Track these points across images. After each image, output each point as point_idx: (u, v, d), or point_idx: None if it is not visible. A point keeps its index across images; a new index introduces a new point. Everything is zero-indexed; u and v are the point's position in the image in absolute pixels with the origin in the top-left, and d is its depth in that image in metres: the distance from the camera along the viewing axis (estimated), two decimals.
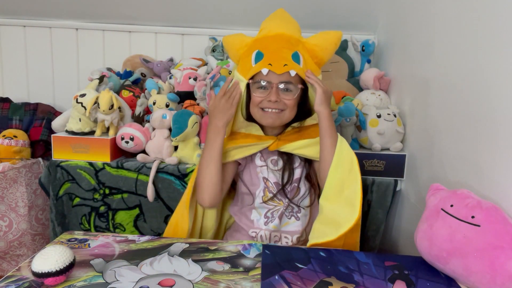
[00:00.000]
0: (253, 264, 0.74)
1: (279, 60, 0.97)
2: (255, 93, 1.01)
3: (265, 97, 0.99)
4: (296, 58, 0.99)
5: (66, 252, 0.65)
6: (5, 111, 1.61)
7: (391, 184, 1.27)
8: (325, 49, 1.05)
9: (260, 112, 1.02)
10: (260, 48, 1.00)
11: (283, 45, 1.00)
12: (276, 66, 0.96)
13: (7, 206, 1.45)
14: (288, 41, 1.01)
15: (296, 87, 1.00)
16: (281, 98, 0.99)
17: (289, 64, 0.97)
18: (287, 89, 1.00)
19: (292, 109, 1.02)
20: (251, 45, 1.04)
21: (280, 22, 1.06)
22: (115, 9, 1.72)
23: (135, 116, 1.42)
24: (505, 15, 0.78)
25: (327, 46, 1.05)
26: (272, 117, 1.01)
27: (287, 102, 1.00)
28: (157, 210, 1.30)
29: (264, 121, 1.03)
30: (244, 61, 1.04)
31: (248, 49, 1.04)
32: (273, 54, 0.98)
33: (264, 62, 0.97)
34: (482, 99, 0.85)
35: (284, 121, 1.04)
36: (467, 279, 0.67)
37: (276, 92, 0.98)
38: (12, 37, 1.82)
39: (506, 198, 0.73)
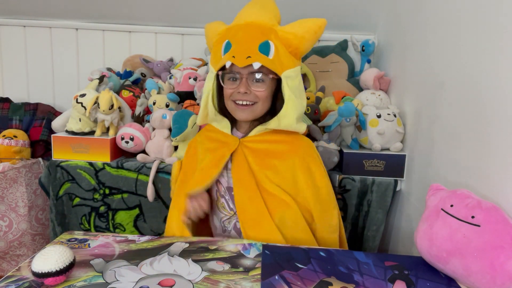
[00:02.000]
0: (253, 264, 0.74)
1: (243, 52, 0.91)
2: (225, 85, 0.96)
3: (235, 89, 0.94)
4: (265, 48, 0.91)
5: (66, 252, 0.65)
6: (5, 111, 1.61)
7: (391, 184, 1.27)
8: (301, 38, 0.94)
9: (233, 105, 0.97)
10: (229, 37, 0.94)
11: (251, 34, 0.93)
12: (239, 59, 0.90)
13: (7, 206, 1.45)
14: (258, 29, 0.94)
15: (268, 78, 0.94)
16: (251, 90, 0.93)
17: (253, 56, 0.90)
18: (257, 79, 0.93)
19: (265, 101, 0.96)
20: (223, 34, 0.97)
21: (254, 9, 0.99)
22: (115, 9, 1.72)
23: (135, 116, 1.42)
24: (505, 16, 0.78)
25: (304, 34, 0.94)
26: (244, 111, 0.96)
27: (259, 93, 0.94)
28: (157, 210, 1.30)
29: (237, 116, 0.98)
30: (214, 51, 0.99)
31: (219, 38, 0.98)
32: (238, 45, 0.92)
33: (230, 54, 0.92)
34: (482, 99, 0.85)
35: (258, 115, 0.98)
36: (467, 279, 0.67)
37: (246, 84, 0.93)
38: (12, 37, 1.82)
39: (506, 198, 0.73)
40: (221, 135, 1.03)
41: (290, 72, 0.94)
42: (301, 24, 0.96)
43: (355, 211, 1.30)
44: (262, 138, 1.00)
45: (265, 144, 1.00)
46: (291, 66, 0.94)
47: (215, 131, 1.05)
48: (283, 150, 0.99)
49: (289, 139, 1.00)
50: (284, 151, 0.99)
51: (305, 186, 0.97)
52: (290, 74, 0.94)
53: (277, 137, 1.00)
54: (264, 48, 0.91)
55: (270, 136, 1.00)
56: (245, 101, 0.95)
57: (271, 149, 0.99)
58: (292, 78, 0.94)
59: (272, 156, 0.98)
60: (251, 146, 1.00)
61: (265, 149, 0.99)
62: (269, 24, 0.95)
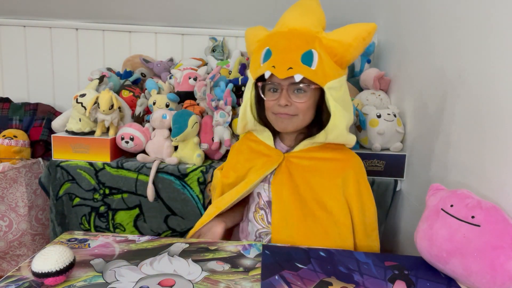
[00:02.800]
0: (253, 264, 0.74)
1: (284, 63, 0.85)
2: (266, 96, 0.91)
3: (275, 101, 0.89)
4: (308, 58, 0.85)
5: (66, 252, 0.65)
6: (5, 111, 1.61)
7: (391, 184, 1.27)
8: (348, 45, 0.87)
9: (273, 117, 0.92)
10: (270, 45, 0.88)
11: (294, 43, 0.87)
12: (279, 69, 0.84)
13: (7, 206, 1.45)
14: (301, 37, 0.87)
15: (309, 88, 0.87)
16: (292, 102, 0.88)
17: (295, 67, 0.84)
18: (299, 90, 0.87)
19: (306, 113, 0.90)
20: (264, 40, 0.92)
21: (297, 14, 0.92)
22: (115, 9, 1.72)
23: (135, 116, 1.42)
24: (505, 16, 0.78)
25: (351, 41, 0.87)
26: (284, 122, 0.91)
27: (299, 105, 0.88)
28: (157, 210, 1.30)
29: (277, 126, 0.93)
30: (253, 58, 0.93)
31: (259, 45, 0.92)
32: (280, 54, 0.86)
33: (269, 64, 0.86)
34: (482, 99, 0.85)
35: (299, 126, 0.92)
36: (467, 279, 0.67)
37: (286, 95, 0.87)
38: (12, 37, 1.82)
39: (506, 198, 0.73)
40: (264, 147, 0.99)
41: (334, 83, 0.87)
42: (349, 30, 0.89)
43: None
44: (310, 155, 0.94)
45: (313, 161, 0.94)
46: (335, 77, 0.88)
47: (257, 141, 1.01)
48: (332, 168, 0.94)
49: (339, 157, 0.95)
50: (333, 169, 0.94)
51: (354, 207, 0.93)
52: (334, 85, 0.87)
53: (326, 154, 0.94)
54: (307, 58, 0.85)
55: (318, 152, 0.95)
56: (285, 114, 0.89)
57: (319, 167, 0.94)
58: (336, 89, 0.88)
59: (320, 174, 0.93)
60: (297, 162, 0.94)
61: (312, 166, 0.94)
62: (313, 31, 0.89)
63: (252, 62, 0.94)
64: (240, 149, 1.05)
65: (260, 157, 0.99)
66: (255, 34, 0.97)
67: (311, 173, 0.93)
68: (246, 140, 1.05)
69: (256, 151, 1.00)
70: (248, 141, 1.04)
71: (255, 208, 1.00)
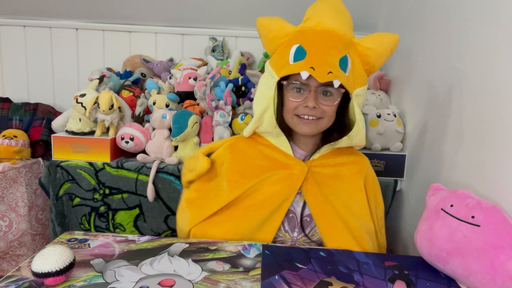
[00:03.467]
0: (253, 264, 0.74)
1: (324, 65, 0.80)
2: (289, 96, 0.85)
3: (301, 102, 0.84)
4: (344, 63, 0.82)
5: (66, 252, 0.65)
6: (5, 111, 1.61)
7: (391, 184, 1.27)
8: (379, 55, 0.87)
9: (295, 119, 0.86)
10: (303, 43, 0.83)
11: (333, 45, 0.82)
12: (319, 72, 0.79)
13: (7, 206, 1.45)
14: (339, 40, 0.84)
15: (337, 91, 0.84)
16: (319, 104, 0.84)
17: (334, 72, 0.79)
18: (327, 92, 0.84)
19: (331, 117, 0.87)
20: (293, 36, 0.86)
21: (333, 14, 0.87)
22: (115, 9, 1.72)
23: (135, 116, 1.42)
24: (505, 16, 0.78)
25: (382, 51, 0.87)
26: (309, 126, 0.86)
27: (326, 108, 0.84)
28: (157, 210, 1.30)
29: (300, 130, 0.87)
30: (280, 54, 0.87)
31: (287, 40, 0.86)
32: (318, 55, 0.81)
33: (306, 64, 0.80)
34: (482, 99, 0.85)
35: (322, 129, 0.88)
36: (467, 279, 0.67)
37: (315, 97, 0.83)
38: (12, 37, 1.82)
39: (506, 198, 0.73)
40: (279, 154, 0.92)
41: (360, 90, 0.86)
42: (380, 39, 0.88)
43: None
44: (331, 161, 0.92)
45: (336, 168, 0.92)
46: (362, 84, 0.86)
47: (270, 147, 0.93)
48: (353, 172, 0.93)
49: (353, 159, 0.95)
50: (354, 172, 0.93)
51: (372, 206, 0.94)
52: (360, 92, 0.86)
53: (343, 158, 0.93)
54: (343, 63, 0.82)
55: (337, 157, 0.93)
56: (311, 116, 0.85)
57: (341, 172, 0.92)
58: (361, 96, 0.87)
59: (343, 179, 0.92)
60: (321, 171, 0.91)
61: (336, 173, 0.91)
62: (349, 36, 0.86)
63: (278, 57, 0.87)
64: (250, 154, 0.94)
65: (279, 167, 0.91)
66: (280, 25, 0.89)
67: (335, 180, 0.91)
68: (255, 143, 0.95)
69: (272, 159, 0.92)
70: (258, 145, 0.94)
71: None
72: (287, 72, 0.83)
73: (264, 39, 0.93)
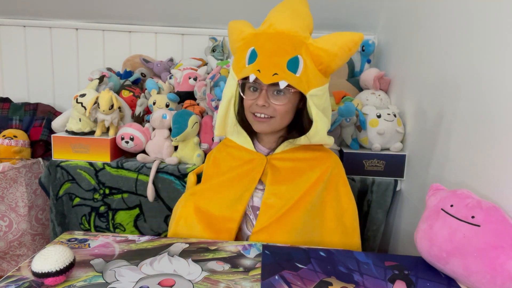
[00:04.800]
0: (253, 264, 0.74)
1: (270, 67, 0.84)
2: (245, 95, 0.91)
3: (254, 101, 0.89)
4: (294, 64, 0.84)
5: (66, 252, 0.65)
6: (5, 111, 1.61)
7: (391, 184, 1.28)
8: (333, 55, 0.86)
9: (251, 118, 0.92)
10: (256, 46, 0.87)
11: (281, 47, 0.85)
12: (264, 74, 0.83)
13: (7, 206, 1.45)
14: (289, 42, 0.86)
15: (289, 92, 0.87)
16: (270, 103, 0.88)
17: (280, 73, 0.83)
18: (280, 92, 0.87)
19: (284, 116, 0.90)
20: (249, 39, 0.90)
21: (286, 16, 0.90)
22: (115, 9, 1.72)
23: (135, 116, 1.42)
24: (505, 16, 0.78)
25: (337, 51, 0.86)
26: (262, 124, 0.91)
27: (277, 107, 0.88)
28: (157, 210, 1.30)
29: (255, 127, 0.93)
30: (238, 57, 0.92)
31: (244, 44, 0.90)
32: (266, 58, 0.85)
33: (255, 66, 0.85)
34: (482, 99, 0.85)
35: (276, 128, 0.93)
36: (467, 279, 0.67)
37: (265, 96, 0.87)
38: (12, 37, 1.82)
39: (506, 198, 0.73)
40: (245, 152, 0.98)
41: (317, 90, 0.88)
42: (336, 39, 0.87)
43: None
44: (292, 156, 0.95)
45: (296, 162, 0.94)
46: (318, 85, 0.88)
47: (236, 147, 0.99)
48: (314, 168, 0.94)
49: (318, 156, 0.96)
50: (312, 169, 0.94)
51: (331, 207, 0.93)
52: (317, 93, 0.88)
53: (306, 154, 0.95)
54: (292, 64, 0.84)
55: (299, 152, 0.95)
56: (263, 114, 0.89)
57: (301, 167, 0.94)
58: (318, 96, 0.88)
59: (302, 174, 0.93)
60: (280, 164, 0.94)
61: (295, 167, 0.94)
62: (301, 36, 0.87)
63: (237, 60, 0.92)
64: (220, 158, 1.02)
65: (244, 164, 0.97)
66: (240, 29, 0.94)
67: (293, 174, 0.94)
68: (225, 147, 1.03)
69: (239, 158, 0.98)
70: (227, 148, 1.02)
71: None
72: (243, 74, 0.88)
73: (229, 42, 1.00)
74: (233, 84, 0.92)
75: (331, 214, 0.93)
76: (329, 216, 0.93)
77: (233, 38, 0.96)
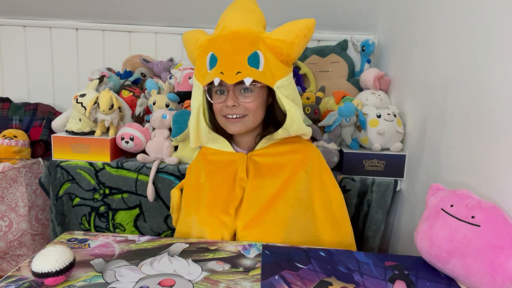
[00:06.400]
0: (253, 264, 0.74)
1: (232, 67, 0.85)
2: (213, 100, 0.91)
3: (223, 103, 0.89)
4: (255, 60, 0.85)
5: (66, 252, 0.65)
6: (5, 111, 1.61)
7: (391, 184, 1.27)
8: (291, 44, 0.87)
9: (223, 120, 0.91)
10: (214, 50, 0.87)
11: (238, 46, 0.86)
12: (228, 75, 0.84)
13: (7, 206, 1.45)
14: (245, 39, 0.86)
15: (256, 87, 0.88)
16: (239, 102, 0.88)
17: (243, 71, 0.84)
18: (247, 90, 0.88)
19: (256, 113, 0.91)
20: (206, 45, 0.91)
21: (237, 15, 0.90)
22: (115, 9, 1.72)
23: (135, 116, 1.42)
24: (505, 16, 0.78)
25: (294, 40, 0.87)
26: (235, 125, 0.90)
27: (248, 105, 0.88)
28: (157, 210, 1.30)
29: (229, 129, 0.92)
30: (199, 64, 0.92)
31: (202, 51, 0.91)
32: (226, 59, 0.86)
33: (217, 70, 0.85)
34: (482, 99, 0.85)
35: (251, 126, 0.92)
36: (467, 279, 0.67)
37: (233, 96, 0.87)
38: (12, 37, 1.82)
39: (506, 198, 0.73)
40: (225, 156, 0.97)
41: (283, 81, 0.89)
42: (290, 28, 0.89)
43: (355, 211, 1.30)
44: (271, 151, 0.95)
45: (276, 157, 0.94)
46: (283, 75, 0.89)
47: (215, 153, 0.99)
48: (295, 161, 0.94)
49: (298, 148, 0.96)
50: (295, 161, 0.94)
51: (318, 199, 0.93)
52: (283, 83, 0.89)
53: (286, 147, 0.95)
54: (253, 60, 0.85)
55: (278, 147, 0.95)
56: (235, 115, 0.89)
57: (282, 161, 0.94)
58: (285, 87, 0.89)
59: (283, 168, 0.93)
60: (261, 160, 0.94)
61: (275, 162, 0.94)
62: (255, 32, 0.88)
63: (198, 68, 0.93)
64: (199, 167, 1.01)
65: (227, 166, 0.96)
66: (196, 38, 0.94)
67: (275, 168, 0.93)
68: (203, 155, 1.02)
69: (219, 162, 0.97)
70: (206, 156, 1.01)
71: None
72: (206, 80, 0.88)
73: (187, 53, 0.99)
74: (199, 93, 0.92)
75: (320, 206, 0.94)
76: (318, 208, 0.93)
77: (191, 48, 0.96)
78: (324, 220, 0.93)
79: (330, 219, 0.94)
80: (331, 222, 0.94)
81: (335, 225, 0.94)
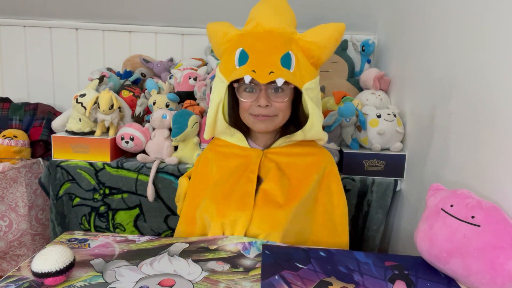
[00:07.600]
0: (253, 264, 0.74)
1: (265, 66, 0.83)
2: (242, 97, 0.89)
3: (253, 102, 0.88)
4: (287, 61, 0.85)
5: (66, 252, 0.65)
6: (5, 111, 1.61)
7: (391, 184, 1.27)
8: (323, 47, 0.88)
9: (251, 118, 0.91)
10: (245, 46, 0.86)
11: (272, 45, 0.86)
12: (260, 74, 0.83)
13: (7, 206, 1.45)
14: (279, 39, 0.86)
15: (288, 87, 0.88)
16: (272, 102, 0.88)
17: (276, 71, 0.83)
18: (278, 89, 0.87)
19: (285, 112, 0.91)
20: (236, 40, 0.89)
21: (271, 13, 0.90)
22: (115, 9, 1.72)
23: (135, 116, 1.42)
24: (505, 15, 0.78)
25: (326, 43, 0.88)
26: (265, 123, 0.90)
27: (278, 105, 0.88)
28: (157, 210, 1.30)
29: (256, 128, 0.92)
30: (226, 59, 0.91)
31: (231, 45, 0.90)
32: (259, 57, 0.85)
33: (248, 67, 0.84)
34: (482, 99, 0.85)
35: (278, 125, 0.93)
36: (467, 279, 0.67)
37: (265, 96, 0.86)
38: (12, 37, 1.82)
39: (506, 198, 0.73)
40: (238, 149, 0.97)
41: (311, 84, 0.89)
42: (322, 31, 0.89)
43: (355, 211, 1.30)
44: (287, 151, 0.95)
45: (292, 157, 0.95)
46: (311, 78, 0.89)
47: (228, 146, 0.98)
48: (310, 164, 0.95)
49: (313, 151, 0.97)
50: (310, 164, 0.95)
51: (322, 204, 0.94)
52: (311, 86, 0.89)
53: (302, 150, 0.96)
54: (285, 60, 0.85)
55: (295, 148, 0.96)
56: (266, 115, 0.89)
57: (297, 162, 0.94)
58: (312, 90, 0.90)
59: (298, 169, 0.93)
60: (276, 159, 0.94)
61: (291, 162, 0.94)
62: (289, 32, 0.88)
63: (225, 63, 0.91)
64: (210, 158, 1.00)
65: (239, 160, 0.95)
66: (223, 31, 0.93)
67: (289, 168, 0.94)
68: (214, 146, 1.02)
69: (230, 155, 0.97)
70: (217, 148, 1.01)
71: None
72: (234, 77, 0.86)
73: (212, 45, 0.98)
74: (222, 87, 0.90)
75: (321, 211, 0.94)
76: (319, 213, 0.94)
77: (217, 40, 0.94)
78: (322, 225, 0.93)
79: (329, 226, 0.94)
80: (329, 229, 0.94)
81: (332, 233, 0.94)
